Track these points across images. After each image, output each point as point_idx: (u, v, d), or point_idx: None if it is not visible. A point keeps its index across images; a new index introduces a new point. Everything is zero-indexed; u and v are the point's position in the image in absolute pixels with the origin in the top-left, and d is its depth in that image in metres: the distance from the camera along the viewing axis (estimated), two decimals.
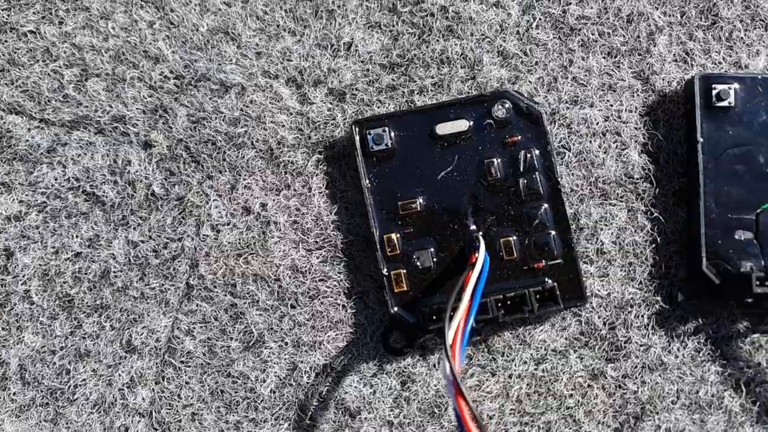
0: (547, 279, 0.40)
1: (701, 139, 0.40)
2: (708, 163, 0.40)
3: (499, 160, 0.40)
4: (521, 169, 0.40)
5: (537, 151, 0.40)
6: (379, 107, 0.42)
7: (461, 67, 0.42)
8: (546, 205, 0.40)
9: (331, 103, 0.43)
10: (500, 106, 0.40)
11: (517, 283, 0.40)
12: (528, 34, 0.43)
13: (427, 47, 0.43)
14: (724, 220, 0.40)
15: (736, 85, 0.40)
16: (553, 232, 0.40)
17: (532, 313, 0.39)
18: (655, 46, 0.43)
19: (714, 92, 0.40)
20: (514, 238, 0.40)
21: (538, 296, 0.39)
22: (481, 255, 0.38)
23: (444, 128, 0.40)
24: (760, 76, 0.41)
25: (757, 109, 0.40)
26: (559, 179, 0.40)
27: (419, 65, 0.43)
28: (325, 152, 0.42)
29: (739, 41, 0.43)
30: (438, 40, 0.43)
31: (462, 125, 0.40)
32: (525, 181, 0.40)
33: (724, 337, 0.42)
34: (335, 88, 0.42)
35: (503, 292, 0.39)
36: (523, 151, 0.40)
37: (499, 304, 0.39)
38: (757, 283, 0.39)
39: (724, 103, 0.40)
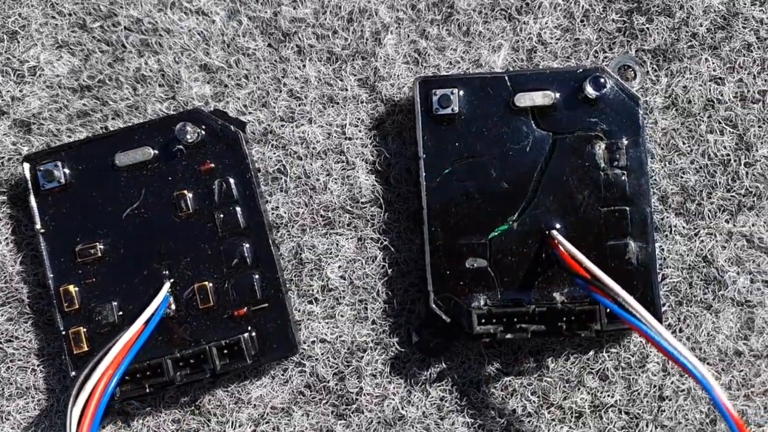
0: (249, 328, 0.34)
1: (423, 155, 0.34)
2: (431, 181, 0.34)
3: (191, 191, 0.35)
4: (217, 201, 0.35)
5: (235, 179, 0.35)
6: (69, 137, 0.37)
7: (159, 86, 0.37)
8: (247, 242, 0.35)
9: (15, 136, 0.37)
10: (189, 129, 0.35)
11: (215, 335, 0.34)
12: (234, 43, 0.37)
13: (121, 66, 0.37)
14: (452, 248, 0.34)
15: (460, 90, 0.34)
16: (256, 273, 0.34)
17: (215, 372, 0.33)
18: (381, 47, 0.37)
19: (435, 98, 0.34)
20: (211, 284, 0.34)
21: (225, 351, 0.34)
22: (154, 304, 0.33)
23: (124, 158, 0.35)
24: (489, 76, 0.35)
25: (486, 114, 0.34)
26: (263, 210, 0.35)
27: (113, 86, 0.37)
28: (9, 192, 0.37)
29: (478, 36, 0.37)
30: (133, 57, 0.37)
31: (145, 153, 0.35)
32: (222, 214, 0.35)
33: (472, 382, 0.36)
34: (20, 118, 0.37)
35: (183, 350, 0.34)
36: (218, 180, 0.35)
37: (181, 364, 0.33)
38: (482, 321, 0.33)
39: (447, 111, 0.34)
